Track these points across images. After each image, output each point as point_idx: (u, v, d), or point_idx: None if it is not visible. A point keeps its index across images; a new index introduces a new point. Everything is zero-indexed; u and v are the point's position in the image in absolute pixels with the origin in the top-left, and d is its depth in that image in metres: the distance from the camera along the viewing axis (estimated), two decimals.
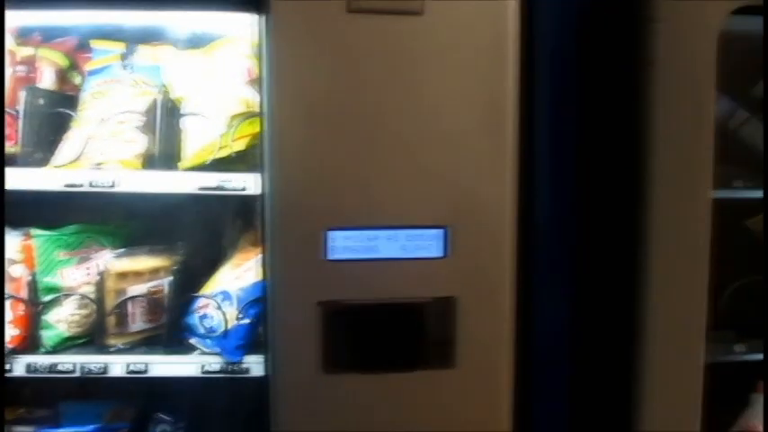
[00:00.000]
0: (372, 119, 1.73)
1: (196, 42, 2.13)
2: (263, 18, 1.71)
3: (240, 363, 2.00)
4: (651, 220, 1.78)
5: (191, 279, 2.12)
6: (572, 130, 1.99)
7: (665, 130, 1.74)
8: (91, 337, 2.08)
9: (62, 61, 2.24)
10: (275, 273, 1.75)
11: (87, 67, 2.18)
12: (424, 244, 1.74)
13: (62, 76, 2.25)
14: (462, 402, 1.79)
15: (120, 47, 2.20)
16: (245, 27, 1.94)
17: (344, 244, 1.72)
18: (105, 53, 2.19)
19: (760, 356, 2.27)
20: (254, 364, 1.98)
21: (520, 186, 1.78)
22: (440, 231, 1.75)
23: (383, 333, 1.76)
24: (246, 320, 2.00)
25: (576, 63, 2.01)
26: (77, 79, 2.25)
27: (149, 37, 2.18)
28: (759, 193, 2.18)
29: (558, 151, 1.96)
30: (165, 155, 2.04)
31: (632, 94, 1.78)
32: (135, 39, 2.19)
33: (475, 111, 1.74)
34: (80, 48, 2.26)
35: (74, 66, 2.27)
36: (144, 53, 2.18)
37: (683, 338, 1.83)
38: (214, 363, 2.01)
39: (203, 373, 2.02)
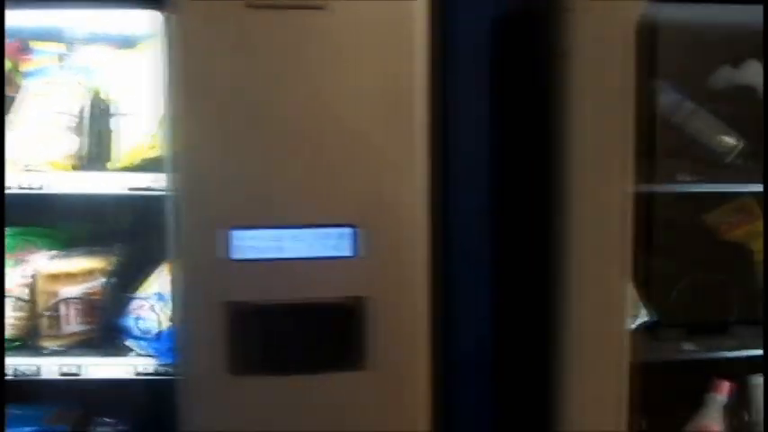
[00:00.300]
0: (277, 116, 1.70)
1: (130, 42, 2.12)
2: (165, 15, 1.69)
3: (174, 364, 1.98)
4: (567, 214, 1.74)
5: (126, 281, 2.11)
6: (489, 126, 1.94)
7: (580, 123, 1.69)
8: (25, 340, 2.07)
9: None
10: (181, 273, 1.72)
11: (24, 68, 2.17)
12: (333, 243, 1.71)
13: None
14: (375, 404, 1.76)
15: (59, 48, 2.19)
16: None
17: (250, 243, 1.69)
18: (44, 54, 2.18)
19: (713, 355, 2.23)
20: None
21: (436, 184, 1.75)
22: (348, 231, 1.71)
23: (291, 334, 1.73)
24: None
25: (492, 57, 1.97)
26: (22, 81, 2.25)
27: (88, 38, 2.16)
28: (705, 188, 2.14)
29: (474, 148, 1.92)
30: (95, 156, 2.04)
31: (547, 86, 1.73)
32: (73, 39, 2.18)
33: (381, 108, 1.71)
34: (23, 50, 2.26)
35: (16, 67, 2.26)
36: (82, 54, 2.17)
37: (604, 337, 1.78)
38: (148, 364, 1.99)
39: (137, 374, 2.00)
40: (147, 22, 2.02)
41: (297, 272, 1.72)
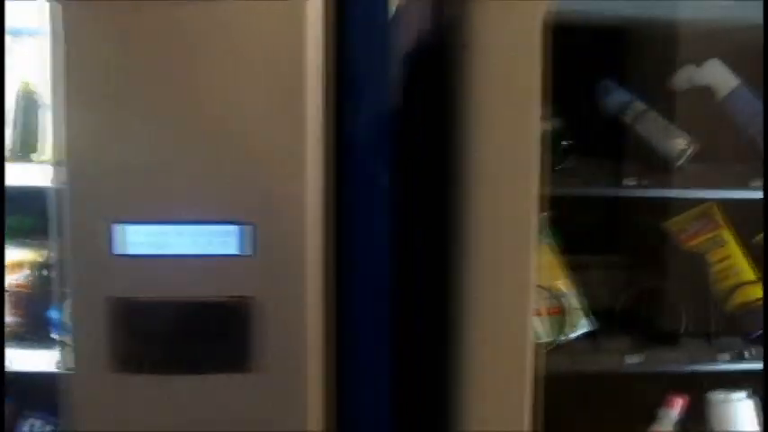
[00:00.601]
0: (164, 110, 1.66)
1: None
2: (53, 5, 1.66)
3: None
4: (468, 217, 1.66)
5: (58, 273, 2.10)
6: (389, 121, 1.86)
7: (482, 121, 1.61)
8: None
9: None
10: (65, 267, 1.70)
11: None
12: (219, 241, 1.66)
13: None
14: (262, 407, 1.70)
15: None
16: None
17: (133, 239, 1.65)
18: None
19: (659, 368, 2.14)
20: None
21: (330, 181, 1.70)
22: (235, 228, 1.66)
23: (176, 333, 1.68)
24: None
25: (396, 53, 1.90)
26: None
27: (19, 30, 2.16)
28: (654, 192, 2.04)
29: (374, 144, 1.84)
30: (22, 148, 2.03)
31: (449, 84, 1.66)
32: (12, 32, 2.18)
33: (272, 103, 1.65)
34: None
35: None
36: (21, 45, 2.17)
37: (505, 345, 1.70)
38: None
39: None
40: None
41: (183, 269, 1.67)
